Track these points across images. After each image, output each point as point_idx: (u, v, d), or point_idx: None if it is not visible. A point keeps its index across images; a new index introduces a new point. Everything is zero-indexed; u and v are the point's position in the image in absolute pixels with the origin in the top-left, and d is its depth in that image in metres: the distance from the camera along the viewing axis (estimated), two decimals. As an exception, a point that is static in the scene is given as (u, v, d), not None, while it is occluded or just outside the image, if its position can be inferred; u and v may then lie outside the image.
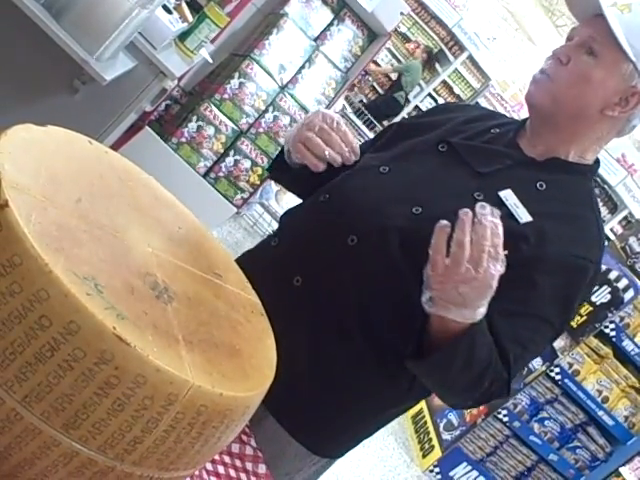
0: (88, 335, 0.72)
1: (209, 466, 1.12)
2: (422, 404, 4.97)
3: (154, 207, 1.03)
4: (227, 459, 1.19)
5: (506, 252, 1.19)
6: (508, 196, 1.29)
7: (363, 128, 8.62)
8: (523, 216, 1.27)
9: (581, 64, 1.28)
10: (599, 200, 5.46)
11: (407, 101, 9.18)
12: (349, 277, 1.30)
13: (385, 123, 8.81)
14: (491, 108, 9.31)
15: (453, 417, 4.71)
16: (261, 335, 0.98)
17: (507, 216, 1.25)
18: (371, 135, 8.13)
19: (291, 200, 5.46)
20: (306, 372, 1.33)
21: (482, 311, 1.13)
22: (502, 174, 1.32)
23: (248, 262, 1.12)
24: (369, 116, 8.79)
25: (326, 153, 1.32)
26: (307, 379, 1.34)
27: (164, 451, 0.78)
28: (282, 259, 1.38)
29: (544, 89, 1.32)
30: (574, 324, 4.29)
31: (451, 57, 9.36)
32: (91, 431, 0.74)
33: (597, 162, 1.39)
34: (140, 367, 0.73)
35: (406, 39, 9.57)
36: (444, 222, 1.09)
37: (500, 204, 1.27)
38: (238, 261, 1.13)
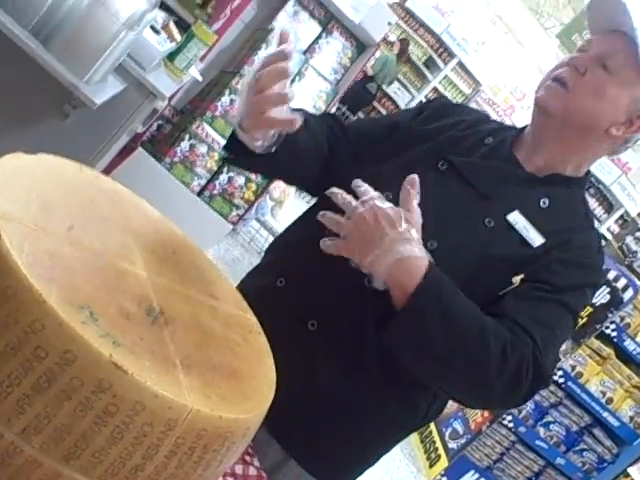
0: (85, 364, 0.71)
1: (213, 488, 1.11)
2: (427, 413, 4.95)
3: (147, 230, 1.02)
4: (231, 480, 1.18)
5: (522, 276, 1.25)
6: (517, 219, 1.29)
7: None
8: (535, 240, 1.29)
9: (598, 76, 1.27)
10: (595, 200, 5.43)
11: (379, 90, 9.17)
12: (368, 318, 1.27)
13: (360, 114, 8.82)
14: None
15: (458, 425, 4.69)
16: (259, 355, 0.98)
17: (518, 242, 1.28)
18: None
19: (288, 215, 5.46)
20: (327, 413, 1.33)
21: (412, 249, 1.11)
22: (507, 194, 1.32)
23: (255, 302, 1.07)
24: (343, 109, 8.79)
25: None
26: (329, 418, 1.33)
27: (166, 477, 0.78)
28: (293, 303, 1.33)
29: (559, 97, 1.30)
30: (575, 326, 4.28)
31: (441, 64, 9.40)
32: (91, 461, 0.74)
33: (588, 172, 1.40)
34: (138, 394, 0.73)
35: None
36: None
37: (510, 228, 1.29)
38: (243, 295, 1.09)
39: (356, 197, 1.16)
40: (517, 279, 1.26)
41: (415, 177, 1.13)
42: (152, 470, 0.76)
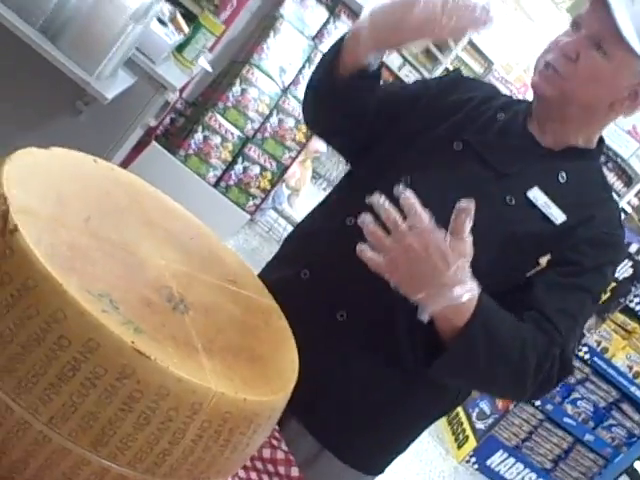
0: (108, 351, 0.72)
1: (242, 473, 1.12)
2: (452, 394, 4.95)
3: (164, 219, 1.03)
4: (259, 465, 1.19)
5: (548, 257, 1.25)
6: (537, 196, 1.28)
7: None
8: (558, 216, 1.28)
9: (591, 61, 1.24)
10: (614, 174, 5.37)
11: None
12: (397, 306, 1.22)
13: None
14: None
15: (485, 405, 4.68)
16: (281, 338, 0.98)
17: (540, 219, 1.27)
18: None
19: (304, 203, 5.46)
20: (360, 401, 1.34)
21: (464, 290, 1.08)
22: (525, 171, 1.31)
23: (279, 294, 1.06)
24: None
25: None
26: (362, 408, 1.34)
27: (193, 461, 0.78)
28: (320, 294, 1.32)
29: (553, 84, 1.28)
30: (598, 301, 4.26)
31: (452, 44, 9.32)
32: (119, 447, 0.74)
33: (602, 141, 1.38)
34: (162, 379, 0.73)
35: (405, 31, 9.55)
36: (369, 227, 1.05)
37: (531, 205, 1.28)
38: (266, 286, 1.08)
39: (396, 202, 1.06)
40: (544, 260, 1.25)
41: (469, 204, 1.03)
42: (179, 454, 0.77)
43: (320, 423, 1.34)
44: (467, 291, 1.09)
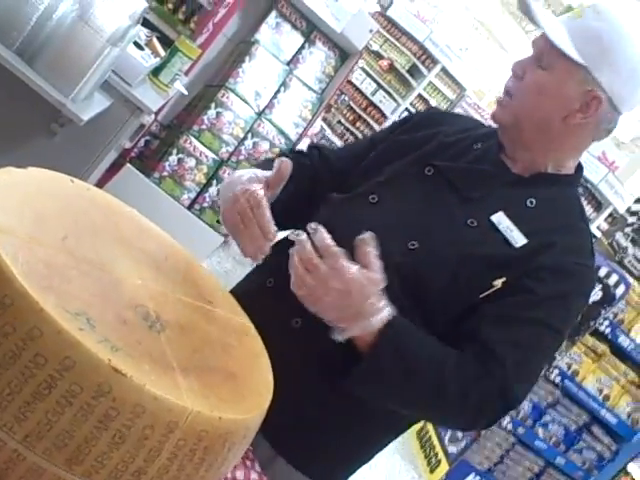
0: (84, 369, 0.72)
1: (215, 494, 1.12)
2: (425, 417, 4.95)
3: (139, 239, 1.03)
4: (233, 485, 1.18)
5: (503, 279, 1.24)
6: (501, 220, 1.29)
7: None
8: (518, 240, 1.28)
9: (534, 76, 1.29)
10: (583, 199, 5.45)
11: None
12: None
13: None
14: (468, 118, 9.39)
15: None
16: (255, 357, 0.99)
17: (501, 241, 1.28)
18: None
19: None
20: (311, 410, 1.33)
21: (379, 317, 1.14)
22: (492, 196, 1.32)
23: (247, 303, 1.10)
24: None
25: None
26: (313, 417, 1.34)
27: (168, 479, 0.79)
28: (280, 301, 1.31)
29: (506, 108, 1.33)
30: (569, 324, 4.31)
31: (425, 70, 9.45)
32: (94, 465, 0.74)
33: (580, 169, 1.39)
34: (138, 397, 0.74)
35: (379, 56, 9.66)
36: (293, 249, 1.13)
37: (494, 231, 1.29)
38: (235, 297, 1.12)
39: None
40: (499, 282, 1.25)
41: (368, 236, 1.12)
42: (155, 473, 0.77)
43: (273, 428, 1.33)
44: (381, 318, 1.15)
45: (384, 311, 1.15)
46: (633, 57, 1.27)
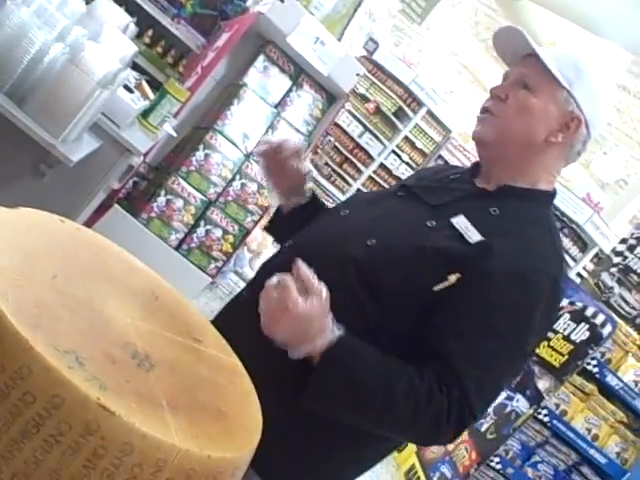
0: (73, 407, 0.72)
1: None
2: (414, 459, 4.91)
3: (129, 278, 1.04)
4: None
5: (458, 275, 1.25)
6: (460, 221, 1.33)
7: (333, 190, 8.75)
8: (473, 236, 1.29)
9: (520, 97, 1.37)
10: (569, 240, 5.44)
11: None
12: None
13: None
14: (454, 159, 9.50)
15: (446, 469, 4.65)
16: (245, 396, 0.99)
17: (457, 238, 1.29)
18: (342, 197, 8.28)
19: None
20: (277, 418, 1.30)
21: (321, 341, 1.18)
22: (455, 204, 1.37)
23: (222, 317, 1.15)
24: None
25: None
26: (279, 424, 1.30)
27: (156, 519, 0.78)
28: (250, 308, 1.31)
29: (490, 125, 1.39)
30: (557, 364, 4.31)
31: (410, 113, 9.55)
32: (82, 505, 0.74)
33: (554, 192, 1.42)
34: (127, 435, 0.73)
35: (365, 99, 9.77)
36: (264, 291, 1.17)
37: (452, 230, 1.31)
38: (214, 321, 1.16)
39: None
40: (453, 277, 1.26)
41: (299, 263, 1.16)
42: (142, 512, 0.77)
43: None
44: (326, 339, 1.18)
45: (328, 335, 1.18)
46: (601, 83, 1.39)
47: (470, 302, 1.24)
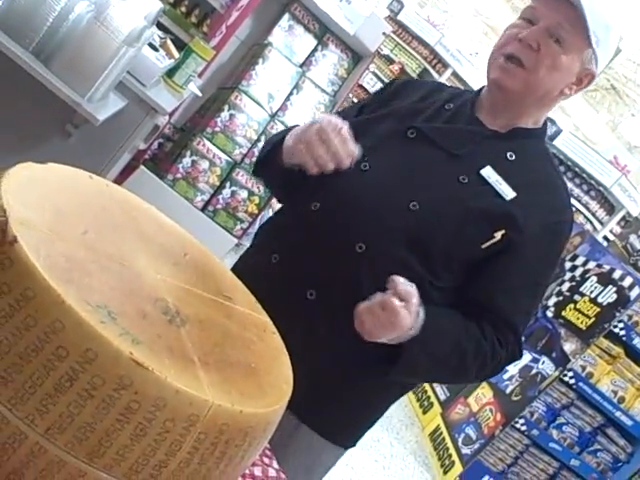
0: (105, 362, 0.72)
1: (233, 491, 1.11)
2: (439, 420, 4.94)
3: (158, 234, 1.03)
4: (250, 483, 1.18)
5: (503, 231, 1.35)
6: (490, 174, 1.37)
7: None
8: (508, 193, 1.37)
9: (552, 51, 1.35)
10: (596, 203, 5.43)
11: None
12: (363, 283, 1.33)
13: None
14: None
15: (471, 431, 4.68)
16: (275, 353, 0.99)
17: (493, 195, 1.37)
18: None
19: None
20: (330, 377, 1.41)
21: (410, 332, 1.25)
22: (475, 152, 1.40)
23: (250, 279, 1.12)
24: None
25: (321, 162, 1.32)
26: (332, 384, 1.42)
27: (189, 473, 0.78)
28: (290, 275, 1.39)
29: (519, 77, 1.37)
30: (583, 326, 4.29)
31: (435, 75, 9.43)
32: (115, 458, 0.74)
33: (545, 123, 1.49)
34: (159, 390, 0.73)
35: (390, 61, 9.65)
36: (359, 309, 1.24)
37: (484, 184, 1.37)
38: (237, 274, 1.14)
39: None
40: (499, 234, 1.35)
41: (394, 279, 1.21)
42: (176, 466, 0.77)
43: (295, 398, 1.35)
44: (415, 328, 1.26)
45: (419, 322, 1.26)
46: (618, 38, 1.42)
47: (513, 259, 1.37)
